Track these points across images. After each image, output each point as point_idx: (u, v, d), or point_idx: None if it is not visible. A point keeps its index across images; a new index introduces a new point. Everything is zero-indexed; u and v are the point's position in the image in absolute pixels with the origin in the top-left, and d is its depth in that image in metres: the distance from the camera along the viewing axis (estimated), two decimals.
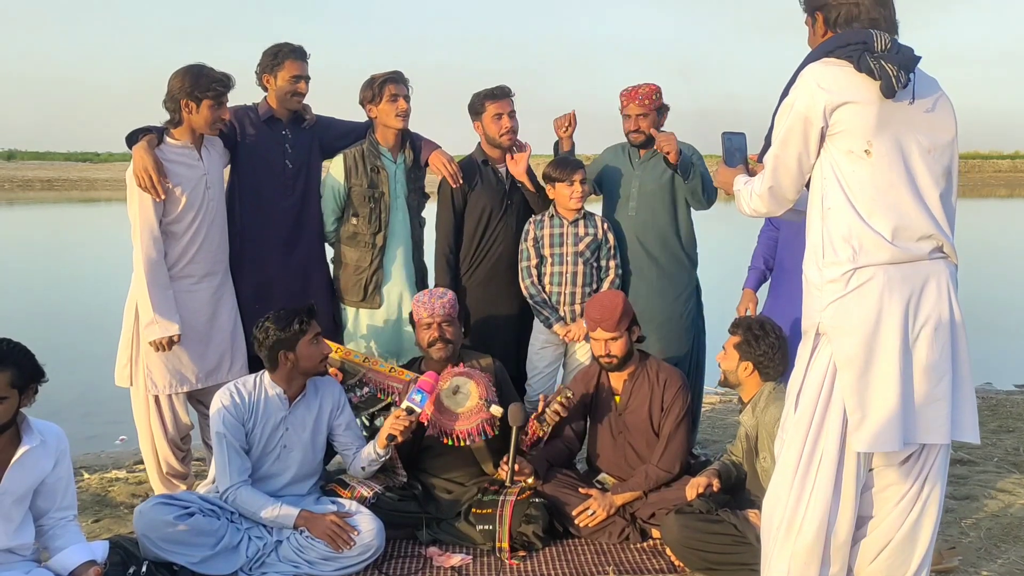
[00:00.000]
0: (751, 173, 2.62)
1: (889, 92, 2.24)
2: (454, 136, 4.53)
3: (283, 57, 3.85)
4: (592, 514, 3.50)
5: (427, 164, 4.11)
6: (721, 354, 3.42)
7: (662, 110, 4.07)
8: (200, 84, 3.53)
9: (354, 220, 4.01)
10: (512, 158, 4.07)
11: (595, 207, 4.21)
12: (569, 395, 3.60)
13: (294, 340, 3.28)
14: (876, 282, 2.29)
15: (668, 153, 3.82)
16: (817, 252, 2.38)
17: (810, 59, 2.37)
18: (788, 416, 2.47)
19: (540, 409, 3.61)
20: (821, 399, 2.35)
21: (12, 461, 2.63)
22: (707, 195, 4.01)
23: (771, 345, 3.29)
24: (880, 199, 2.30)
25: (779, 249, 3.89)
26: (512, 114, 4.06)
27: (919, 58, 2.30)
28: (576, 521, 3.51)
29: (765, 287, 4.06)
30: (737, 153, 2.71)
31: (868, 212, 2.30)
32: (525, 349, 4.16)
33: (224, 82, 3.58)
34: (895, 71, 2.23)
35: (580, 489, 3.61)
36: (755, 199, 2.50)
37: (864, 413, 2.29)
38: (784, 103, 2.39)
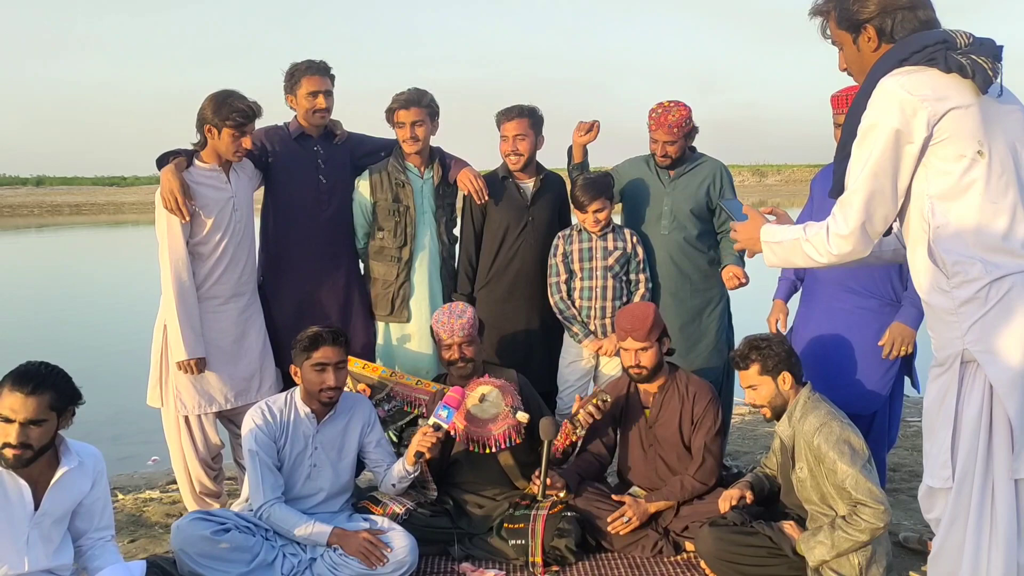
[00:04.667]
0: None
1: (985, 85, 2.07)
2: (475, 152, 4.52)
3: (299, 75, 3.88)
4: (627, 521, 3.47)
5: (456, 182, 4.12)
6: (750, 394, 3.25)
7: (691, 133, 4.04)
8: (221, 112, 3.56)
9: (380, 235, 4.04)
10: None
11: (619, 218, 4.20)
12: (606, 399, 3.54)
13: (300, 360, 3.34)
14: (1016, 291, 2.09)
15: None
16: (937, 277, 2.18)
17: (879, 73, 2.17)
18: (935, 459, 2.24)
19: (575, 410, 3.59)
20: (982, 432, 2.14)
21: (51, 483, 2.66)
22: None
23: (779, 342, 3.24)
24: (1000, 202, 2.11)
25: None
26: (520, 137, 4.02)
27: (1002, 47, 2.14)
28: (610, 528, 3.48)
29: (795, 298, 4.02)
30: (738, 212, 2.57)
31: (990, 219, 2.11)
32: (549, 364, 4.16)
33: (246, 112, 3.58)
34: (989, 63, 2.07)
35: (613, 496, 3.59)
36: (838, 241, 2.22)
37: None
38: (864, 127, 2.16)
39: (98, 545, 2.81)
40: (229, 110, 3.56)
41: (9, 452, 2.51)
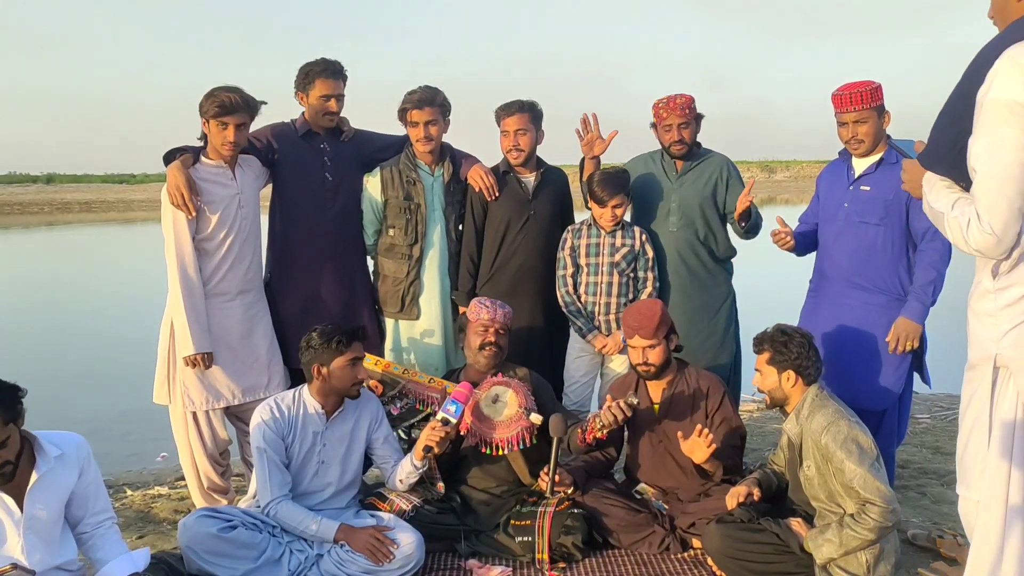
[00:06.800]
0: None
1: None
2: (486, 150, 4.53)
3: (313, 76, 3.87)
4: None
5: (466, 179, 4.11)
6: (757, 377, 3.30)
7: (698, 119, 4.05)
8: (204, 104, 3.58)
9: (391, 232, 4.04)
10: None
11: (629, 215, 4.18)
12: (634, 402, 3.46)
13: (330, 357, 3.31)
14: None
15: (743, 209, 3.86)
16: (985, 276, 2.11)
17: (1006, 41, 1.98)
18: (967, 468, 2.21)
19: (604, 408, 3.49)
20: (1017, 441, 2.08)
21: (28, 488, 2.61)
22: (752, 235, 4.05)
23: (800, 344, 3.20)
24: None
25: (818, 256, 3.83)
26: (521, 132, 4.01)
27: None
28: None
29: (800, 299, 3.99)
30: (911, 149, 2.38)
31: None
32: (554, 359, 4.15)
33: (224, 103, 3.54)
34: None
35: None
36: (979, 236, 2.00)
37: None
38: (1001, 101, 1.91)
39: (98, 532, 2.78)
40: (212, 102, 3.56)
41: None
